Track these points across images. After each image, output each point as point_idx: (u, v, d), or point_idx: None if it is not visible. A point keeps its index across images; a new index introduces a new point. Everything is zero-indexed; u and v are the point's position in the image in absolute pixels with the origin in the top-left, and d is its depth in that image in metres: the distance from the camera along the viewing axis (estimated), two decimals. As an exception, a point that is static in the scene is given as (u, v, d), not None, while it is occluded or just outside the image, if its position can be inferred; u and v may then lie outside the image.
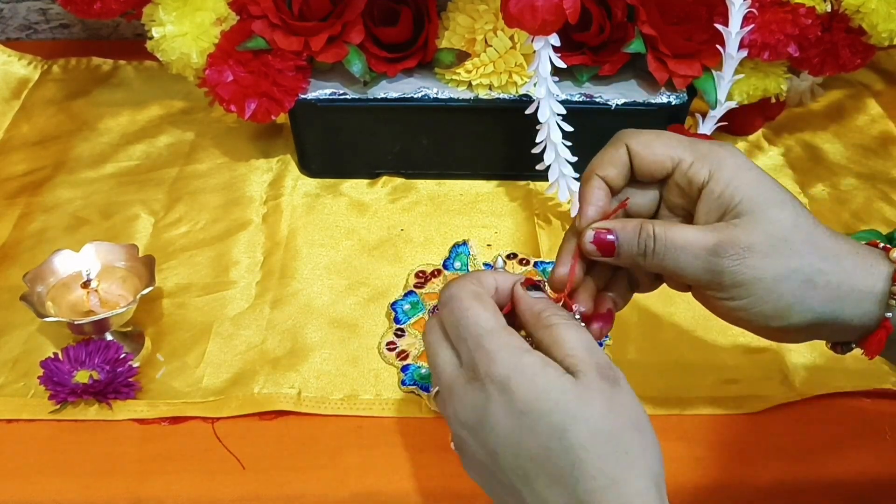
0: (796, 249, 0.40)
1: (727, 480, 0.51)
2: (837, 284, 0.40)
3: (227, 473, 0.51)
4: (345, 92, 0.67)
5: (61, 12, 0.90)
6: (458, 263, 0.63)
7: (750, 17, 0.63)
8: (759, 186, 0.40)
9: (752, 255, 0.39)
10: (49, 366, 0.53)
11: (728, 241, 0.40)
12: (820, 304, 0.40)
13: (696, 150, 0.41)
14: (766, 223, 0.40)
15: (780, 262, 0.40)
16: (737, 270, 0.40)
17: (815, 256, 0.40)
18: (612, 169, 0.42)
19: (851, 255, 0.41)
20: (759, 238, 0.39)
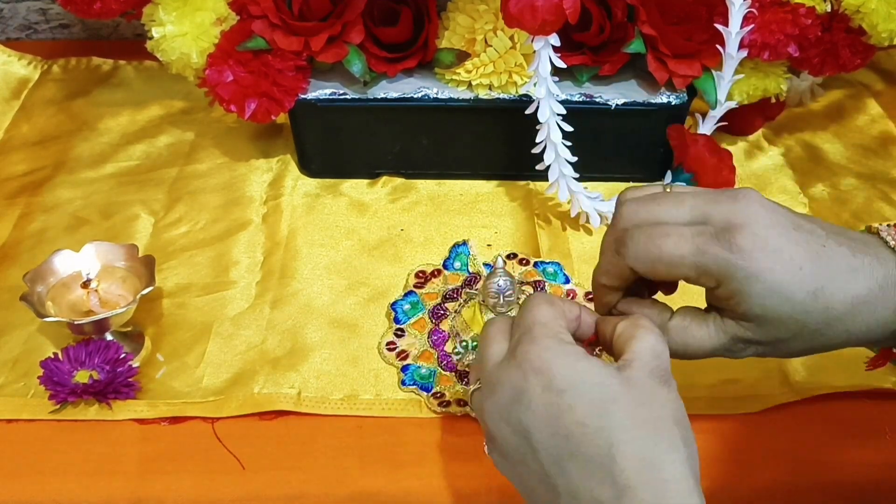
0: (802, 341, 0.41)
1: (727, 480, 0.51)
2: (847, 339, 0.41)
3: (227, 473, 0.51)
4: (345, 92, 0.67)
5: (61, 12, 0.90)
6: (458, 263, 0.63)
7: (750, 17, 0.63)
8: (768, 299, 0.39)
9: (762, 347, 0.42)
10: (49, 366, 0.53)
11: (738, 339, 0.41)
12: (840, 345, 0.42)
13: (699, 265, 0.40)
14: (775, 329, 0.40)
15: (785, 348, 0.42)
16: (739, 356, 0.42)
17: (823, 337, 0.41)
18: (613, 281, 0.44)
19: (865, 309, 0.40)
20: (768, 339, 0.41)
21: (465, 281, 0.61)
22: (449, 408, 0.53)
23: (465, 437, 0.52)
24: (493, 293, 0.54)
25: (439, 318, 0.59)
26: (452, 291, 0.60)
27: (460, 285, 0.61)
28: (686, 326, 0.42)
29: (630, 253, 0.41)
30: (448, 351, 0.57)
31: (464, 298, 0.60)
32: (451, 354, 0.57)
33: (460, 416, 0.53)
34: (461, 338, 0.57)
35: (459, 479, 0.51)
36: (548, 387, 0.37)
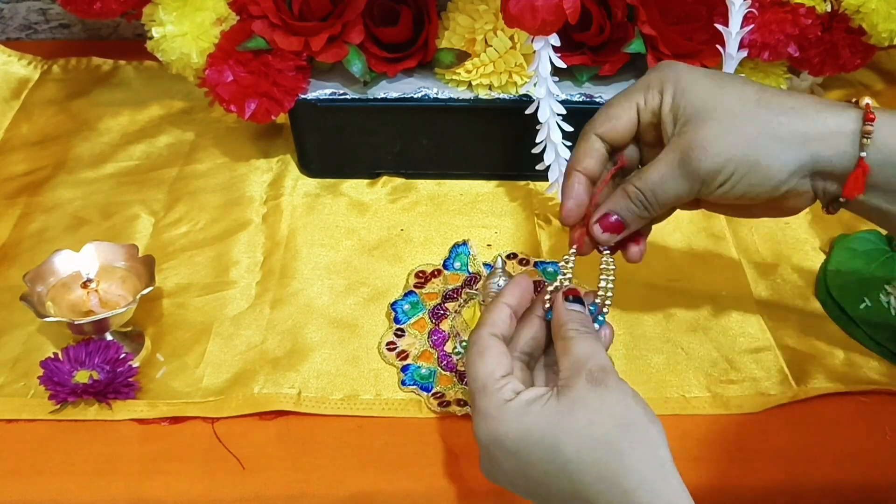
0: (749, 117, 0.43)
1: (727, 480, 0.51)
2: (804, 131, 0.42)
3: (227, 473, 0.51)
4: (345, 92, 0.67)
5: (61, 12, 0.90)
6: (458, 263, 0.63)
7: (750, 17, 0.63)
8: (699, 83, 0.44)
9: (712, 144, 0.43)
10: (49, 366, 0.53)
11: (687, 147, 0.43)
12: (795, 153, 0.43)
13: (646, 85, 0.45)
14: (712, 111, 0.43)
15: (740, 134, 0.42)
16: (708, 164, 0.43)
17: (771, 114, 0.42)
18: (588, 160, 0.47)
19: (815, 104, 0.43)
20: (711, 127, 0.43)
21: (465, 281, 0.61)
22: (449, 408, 0.53)
23: (465, 438, 0.52)
24: (493, 293, 0.54)
25: (439, 318, 0.59)
26: (452, 291, 0.60)
27: (460, 285, 0.61)
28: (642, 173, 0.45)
29: (591, 124, 0.46)
30: (448, 351, 0.57)
31: (464, 298, 0.60)
32: (451, 354, 0.57)
33: (460, 416, 0.53)
34: (461, 338, 0.57)
35: (459, 479, 0.51)
36: (505, 451, 0.40)
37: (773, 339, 0.59)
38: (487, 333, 0.43)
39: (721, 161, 0.43)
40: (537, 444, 0.39)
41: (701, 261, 0.65)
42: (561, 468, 0.39)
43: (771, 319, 0.60)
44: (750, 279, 0.63)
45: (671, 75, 0.44)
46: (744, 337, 0.59)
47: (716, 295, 0.62)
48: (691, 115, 0.43)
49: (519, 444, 0.40)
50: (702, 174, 0.43)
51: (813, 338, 0.59)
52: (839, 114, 0.43)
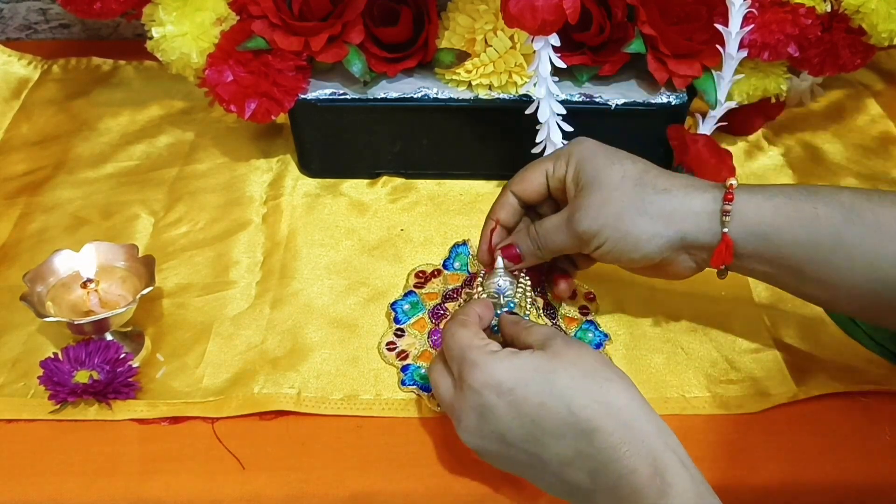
0: (626, 193, 0.49)
1: (727, 480, 0.51)
2: (671, 211, 0.49)
3: (227, 473, 0.51)
4: (345, 92, 0.67)
5: (61, 12, 0.90)
6: (457, 263, 0.63)
7: (750, 17, 0.63)
8: (595, 159, 0.51)
9: (593, 210, 0.50)
10: (49, 366, 0.53)
11: (575, 209, 0.51)
12: (662, 230, 0.49)
13: (556, 156, 0.53)
14: (599, 184, 0.50)
15: (614, 206, 0.49)
16: (587, 226, 0.50)
17: (644, 193, 0.49)
18: (502, 212, 0.55)
19: (685, 186, 0.49)
20: (595, 196, 0.50)
21: (464, 281, 0.61)
22: None
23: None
24: (493, 293, 0.54)
25: (439, 318, 0.59)
26: (452, 291, 0.60)
27: (460, 285, 0.61)
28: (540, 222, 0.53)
29: (510, 182, 0.55)
30: (448, 351, 0.57)
31: (464, 298, 0.60)
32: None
33: (460, 416, 0.53)
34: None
35: (459, 479, 0.51)
36: (500, 392, 0.43)
37: (773, 339, 0.59)
38: (466, 314, 0.49)
39: (596, 227, 0.50)
40: (534, 377, 0.43)
41: (701, 261, 0.65)
42: (559, 394, 0.42)
43: (771, 319, 0.60)
44: (750, 279, 0.63)
45: (576, 150, 0.52)
46: (744, 337, 0.59)
47: (716, 295, 0.62)
48: (585, 185, 0.51)
49: (516, 379, 0.43)
50: (580, 234, 0.51)
51: (813, 338, 0.59)
52: (703, 194, 0.49)
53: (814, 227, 0.47)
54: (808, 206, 0.47)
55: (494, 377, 0.43)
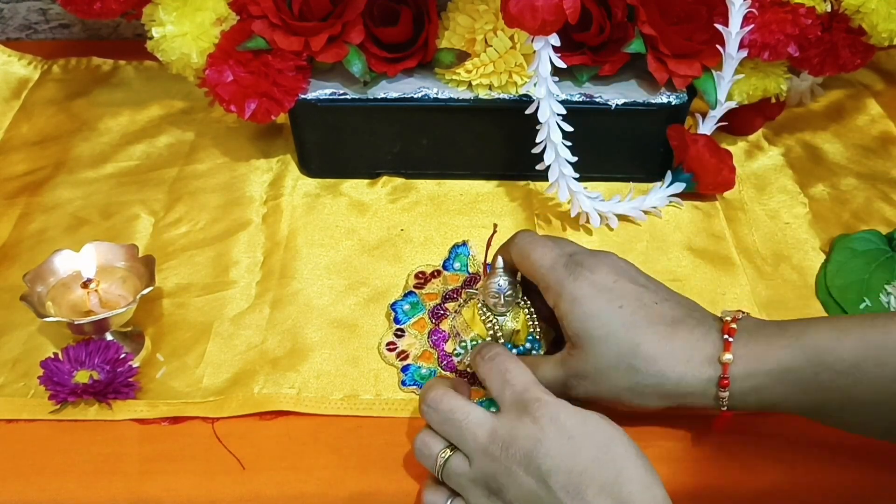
0: (621, 375, 0.47)
1: (727, 481, 0.51)
2: (668, 392, 0.47)
3: (227, 473, 0.51)
4: (345, 92, 0.67)
5: (61, 12, 0.90)
6: (457, 264, 0.63)
7: (750, 17, 0.63)
8: (586, 322, 0.48)
9: (587, 381, 0.49)
10: (49, 366, 0.53)
11: (570, 373, 0.49)
12: (661, 403, 0.48)
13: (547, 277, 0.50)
14: (594, 357, 0.48)
15: (610, 385, 0.48)
16: (580, 391, 0.49)
17: (640, 377, 0.47)
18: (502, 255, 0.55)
19: (681, 364, 0.47)
20: (589, 369, 0.48)
21: (464, 281, 0.61)
22: None
23: (465, 437, 0.52)
24: (493, 293, 0.54)
25: (439, 318, 0.59)
26: (452, 292, 0.60)
27: (460, 285, 0.61)
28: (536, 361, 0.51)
29: (513, 246, 0.53)
30: (448, 351, 0.57)
31: (464, 298, 0.60)
32: (451, 355, 0.57)
33: (460, 416, 0.53)
34: (461, 338, 0.57)
35: (459, 479, 0.50)
36: (561, 433, 0.43)
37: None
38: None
39: (592, 394, 0.49)
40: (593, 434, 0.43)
41: (701, 261, 0.65)
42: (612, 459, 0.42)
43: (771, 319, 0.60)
44: (750, 279, 0.63)
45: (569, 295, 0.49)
46: (744, 337, 0.59)
47: (716, 295, 0.62)
48: (578, 344, 0.49)
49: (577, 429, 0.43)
50: (575, 395, 0.49)
51: (813, 338, 0.59)
52: (698, 377, 0.47)
53: (818, 396, 0.45)
54: (810, 375, 0.45)
55: (559, 417, 0.43)
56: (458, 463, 0.45)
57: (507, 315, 0.55)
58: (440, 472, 0.46)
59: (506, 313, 0.55)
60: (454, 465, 0.46)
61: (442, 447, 0.46)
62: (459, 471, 0.45)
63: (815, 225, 0.68)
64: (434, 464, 0.46)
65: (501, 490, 0.43)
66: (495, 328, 0.55)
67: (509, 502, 0.43)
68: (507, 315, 0.55)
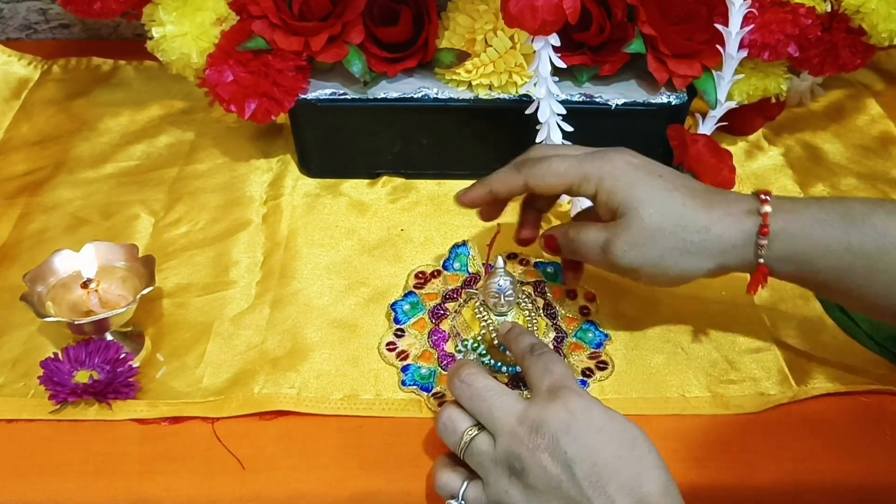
0: (667, 234, 0.50)
1: (727, 480, 0.51)
2: (711, 248, 0.50)
3: (227, 473, 0.51)
4: (345, 92, 0.67)
5: (61, 12, 0.90)
6: (457, 264, 0.63)
7: (750, 17, 0.63)
8: (632, 189, 0.50)
9: (633, 248, 0.51)
10: (49, 366, 0.53)
11: (612, 240, 0.51)
12: (704, 263, 0.50)
13: (581, 171, 0.52)
14: (639, 220, 0.50)
15: (656, 247, 0.50)
16: (624, 261, 0.51)
17: (686, 233, 0.50)
18: (503, 189, 0.55)
19: (722, 219, 0.50)
20: (635, 233, 0.50)
21: (464, 281, 0.61)
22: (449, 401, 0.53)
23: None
24: (493, 293, 0.54)
25: (439, 318, 0.59)
26: (452, 292, 0.60)
27: (460, 286, 0.61)
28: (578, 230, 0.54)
29: (528, 170, 0.54)
30: (448, 351, 0.57)
31: (464, 298, 0.60)
32: (451, 354, 0.57)
33: (460, 416, 0.53)
34: (461, 338, 0.57)
35: (459, 479, 0.50)
36: (590, 425, 0.43)
37: (773, 339, 0.59)
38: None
39: (637, 264, 0.51)
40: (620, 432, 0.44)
41: (701, 261, 0.65)
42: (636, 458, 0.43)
43: (771, 319, 0.60)
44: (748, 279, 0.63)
45: (607, 173, 0.51)
46: (744, 337, 0.59)
47: (716, 295, 0.62)
48: (621, 215, 0.51)
49: (605, 423, 0.44)
50: (619, 266, 0.52)
51: (813, 338, 0.59)
52: (740, 229, 0.49)
53: (847, 258, 0.48)
54: (841, 235, 0.48)
55: (590, 409, 0.44)
56: (483, 441, 0.45)
57: (507, 315, 0.55)
58: (463, 450, 0.46)
59: (506, 313, 0.55)
60: (479, 443, 0.45)
61: (469, 424, 0.46)
62: (483, 449, 0.45)
63: (815, 225, 0.68)
64: (459, 440, 0.46)
65: (524, 472, 0.43)
66: (490, 328, 0.55)
67: (530, 485, 0.43)
68: (507, 315, 0.55)
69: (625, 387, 0.56)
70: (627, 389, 0.55)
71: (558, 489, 0.42)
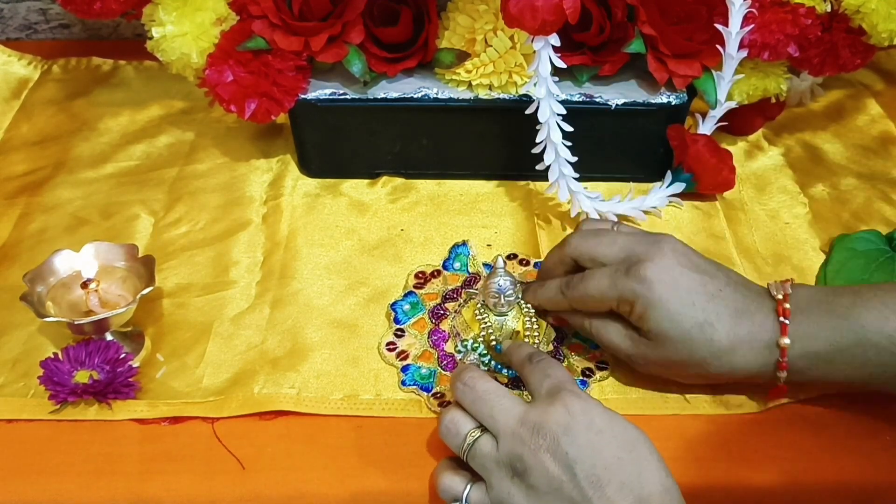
0: (692, 365, 0.51)
1: (727, 480, 0.51)
2: (731, 375, 0.51)
3: (227, 473, 0.51)
4: (345, 92, 0.67)
5: (61, 12, 0.90)
6: (457, 264, 0.63)
7: (750, 17, 0.63)
8: (663, 323, 0.50)
9: (655, 366, 0.52)
10: (49, 366, 0.53)
11: (636, 354, 0.52)
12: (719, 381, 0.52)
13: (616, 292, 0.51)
14: (668, 351, 0.51)
15: (678, 370, 0.52)
16: (645, 370, 0.53)
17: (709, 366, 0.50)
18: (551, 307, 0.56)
19: (745, 355, 0.50)
20: (660, 358, 0.51)
21: (464, 281, 0.61)
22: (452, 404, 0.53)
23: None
24: (494, 293, 0.54)
25: (439, 318, 0.59)
26: (452, 292, 0.60)
27: (460, 286, 0.61)
28: (603, 325, 0.53)
29: (571, 292, 0.54)
30: (448, 351, 0.57)
31: (464, 298, 0.60)
32: (451, 354, 0.57)
33: (460, 416, 0.53)
34: (461, 338, 0.57)
35: (459, 479, 0.50)
36: (590, 426, 0.44)
37: (773, 340, 0.59)
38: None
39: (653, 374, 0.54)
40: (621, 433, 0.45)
41: (701, 261, 0.65)
42: (635, 459, 0.44)
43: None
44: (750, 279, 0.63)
45: (645, 298, 0.50)
46: (744, 337, 0.59)
47: (716, 295, 0.61)
48: (651, 338, 0.51)
49: (605, 424, 0.45)
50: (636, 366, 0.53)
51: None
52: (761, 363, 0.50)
53: (865, 371, 0.49)
54: (858, 353, 0.49)
55: (590, 411, 0.45)
56: (486, 443, 0.46)
57: (508, 315, 0.55)
58: (466, 452, 0.47)
59: (506, 313, 0.55)
60: (482, 444, 0.46)
61: (472, 427, 0.47)
62: (486, 451, 0.46)
63: (815, 225, 0.68)
64: (461, 442, 0.47)
65: (526, 472, 0.44)
66: (489, 329, 0.55)
67: (532, 486, 0.44)
68: (508, 315, 0.55)
69: (625, 387, 0.56)
70: (627, 389, 0.55)
71: (560, 490, 0.43)
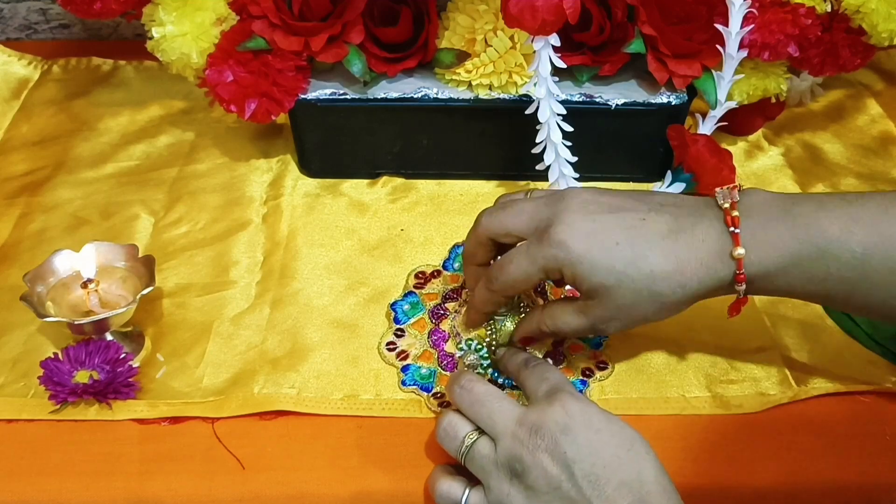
0: (645, 302, 0.48)
1: (727, 480, 0.51)
2: (691, 296, 0.48)
3: (227, 473, 0.51)
4: (345, 92, 0.67)
5: (61, 12, 0.90)
6: (457, 264, 0.63)
7: (750, 17, 0.63)
8: (594, 277, 0.47)
9: (615, 320, 0.49)
10: (49, 366, 0.53)
11: (596, 320, 0.49)
12: (686, 306, 0.49)
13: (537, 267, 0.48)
14: (614, 300, 0.48)
15: (638, 312, 0.49)
16: (611, 329, 0.50)
17: (663, 297, 0.47)
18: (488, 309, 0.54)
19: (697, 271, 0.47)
20: (613, 310, 0.48)
21: (464, 281, 0.61)
22: (449, 408, 0.53)
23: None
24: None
25: (439, 318, 0.59)
26: (452, 292, 0.60)
27: (460, 286, 0.61)
28: (552, 315, 0.51)
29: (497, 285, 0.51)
30: (448, 351, 0.57)
31: (464, 298, 0.60)
32: (451, 354, 0.57)
33: (460, 416, 0.53)
34: (461, 338, 0.57)
35: (459, 479, 0.50)
36: (588, 426, 0.44)
37: (773, 339, 0.59)
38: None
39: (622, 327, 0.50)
40: (619, 433, 0.45)
41: (701, 261, 0.65)
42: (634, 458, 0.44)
43: (771, 319, 0.60)
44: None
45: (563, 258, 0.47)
46: (744, 337, 0.59)
47: (716, 295, 0.62)
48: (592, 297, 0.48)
49: (603, 424, 0.45)
50: (604, 331, 0.51)
51: (813, 338, 0.59)
52: (717, 277, 0.47)
53: (826, 285, 0.46)
54: (820, 266, 0.46)
55: (587, 411, 0.45)
56: (484, 445, 0.46)
57: (507, 316, 0.55)
58: (464, 455, 0.47)
59: (506, 315, 0.55)
60: (480, 447, 0.46)
61: (469, 430, 0.47)
62: (485, 453, 0.46)
63: (815, 225, 0.68)
64: (459, 445, 0.47)
65: (524, 473, 0.44)
66: (489, 329, 0.55)
67: (530, 486, 0.44)
68: (507, 316, 0.55)
69: (625, 387, 0.56)
70: (627, 389, 0.55)
71: (559, 489, 0.43)
